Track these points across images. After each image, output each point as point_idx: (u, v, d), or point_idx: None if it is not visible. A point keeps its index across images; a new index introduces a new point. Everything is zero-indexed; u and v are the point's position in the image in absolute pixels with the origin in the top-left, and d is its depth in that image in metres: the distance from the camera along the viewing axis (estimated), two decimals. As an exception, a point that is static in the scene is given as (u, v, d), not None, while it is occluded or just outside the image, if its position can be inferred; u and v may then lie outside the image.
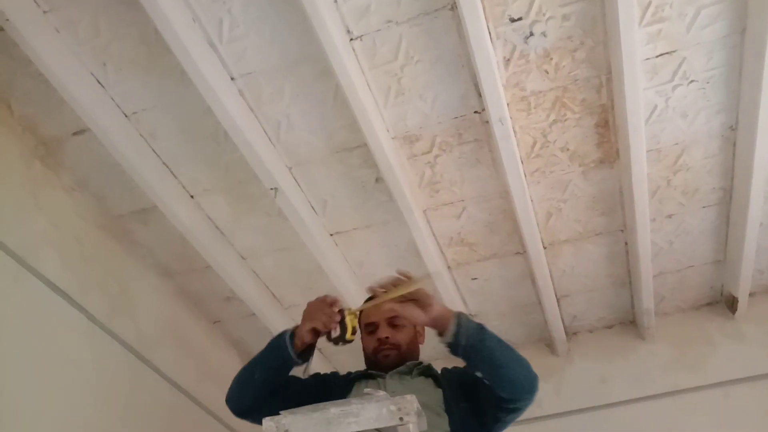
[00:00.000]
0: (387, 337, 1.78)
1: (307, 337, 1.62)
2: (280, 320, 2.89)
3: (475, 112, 2.13)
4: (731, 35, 1.94)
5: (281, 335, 1.68)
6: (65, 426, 2.10)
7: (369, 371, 1.79)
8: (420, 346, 1.91)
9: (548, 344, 3.18)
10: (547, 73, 2.01)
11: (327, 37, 1.82)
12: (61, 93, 1.97)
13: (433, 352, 1.98)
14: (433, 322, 1.55)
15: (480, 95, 2.03)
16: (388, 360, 1.76)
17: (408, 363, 1.76)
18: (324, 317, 1.61)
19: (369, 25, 1.89)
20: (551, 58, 1.98)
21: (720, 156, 2.30)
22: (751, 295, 2.86)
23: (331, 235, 2.58)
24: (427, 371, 1.77)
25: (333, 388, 1.75)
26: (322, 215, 2.49)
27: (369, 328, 1.84)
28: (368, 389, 1.48)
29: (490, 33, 1.87)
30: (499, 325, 3.04)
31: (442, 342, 1.54)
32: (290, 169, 2.32)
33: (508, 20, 1.87)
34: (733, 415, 2.71)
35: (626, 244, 2.65)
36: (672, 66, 2.01)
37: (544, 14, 1.86)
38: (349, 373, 1.85)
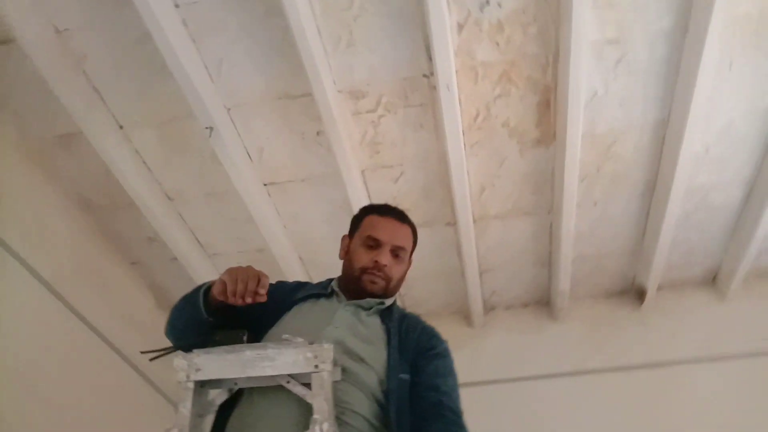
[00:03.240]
0: (385, 265, 1.51)
1: (219, 297, 1.36)
2: (203, 267, 2.83)
3: (424, 75, 2.13)
4: (675, 31, 2.01)
5: (197, 289, 1.44)
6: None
7: (324, 292, 1.56)
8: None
9: (465, 316, 3.26)
10: (498, 45, 2.03)
11: (282, -27, 1.76)
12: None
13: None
14: None
15: (430, 59, 2.03)
16: (373, 287, 1.50)
17: (369, 299, 1.51)
18: (242, 286, 1.33)
19: (327, -32, 1.84)
20: (503, 30, 2.00)
21: (649, 149, 2.40)
22: (659, 288, 3.03)
23: (265, 184, 2.53)
24: (386, 316, 1.51)
25: (275, 304, 1.47)
26: (258, 162, 2.44)
27: (369, 242, 1.54)
28: (287, 335, 1.41)
29: (446, -5, 1.87)
30: (420, 293, 3.10)
31: None
32: (228, 110, 2.25)
33: (466, -15, 1.87)
34: (633, 396, 2.87)
35: (551, 225, 2.74)
36: (617, 54, 2.06)
37: (502, -17, 1.87)
38: (299, 285, 1.61)
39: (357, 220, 1.64)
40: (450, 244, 2.83)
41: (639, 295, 3.10)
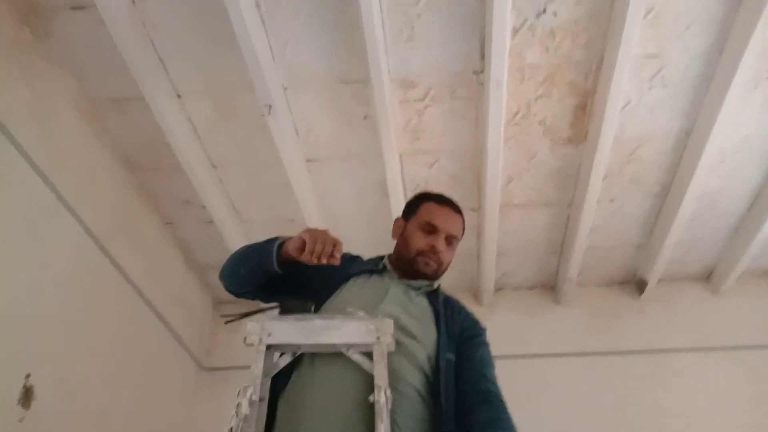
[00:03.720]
0: (440, 251, 1.61)
1: (294, 253, 1.45)
2: (235, 232, 2.97)
3: (474, 72, 2.26)
4: (711, 51, 2.17)
5: (270, 241, 1.52)
6: (20, 299, 2.13)
7: (376, 268, 1.64)
8: None
9: (475, 294, 3.44)
10: (547, 50, 2.17)
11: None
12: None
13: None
14: None
15: (483, 57, 2.16)
16: (426, 268, 1.59)
17: (420, 280, 1.60)
18: (320, 247, 1.41)
19: (399, -33, 1.95)
20: (555, 37, 2.13)
21: (670, 155, 2.57)
22: (659, 281, 3.24)
23: (307, 160, 2.66)
24: (433, 297, 1.60)
25: (333, 273, 1.58)
26: (304, 139, 2.56)
27: (427, 227, 1.63)
28: (351, 308, 1.49)
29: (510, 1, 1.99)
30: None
31: None
32: (285, 89, 2.36)
33: (527, -6, 2.00)
34: (627, 379, 3.10)
35: (568, 217, 2.92)
36: (654, 68, 2.22)
37: (561, -5, 2.00)
38: (352, 258, 1.69)
39: (414, 205, 1.73)
40: (471, 228, 2.98)
41: (639, 286, 3.31)
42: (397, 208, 2.67)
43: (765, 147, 2.54)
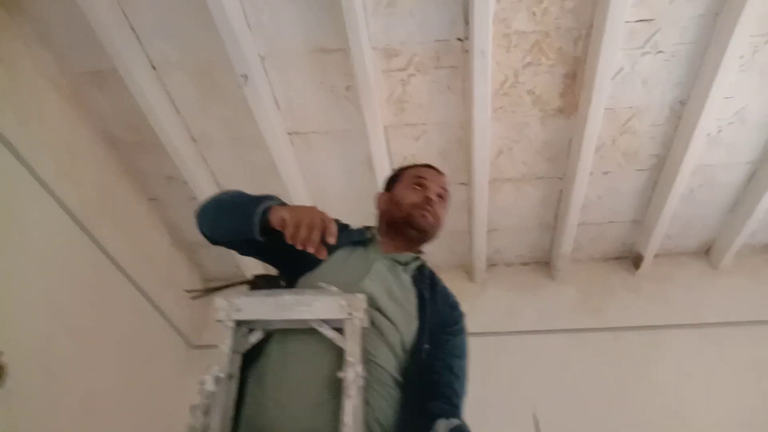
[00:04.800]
0: (435, 201, 1.55)
1: (277, 225, 1.31)
2: (220, 209, 2.90)
3: (458, 39, 2.17)
4: (706, 16, 2.07)
5: (255, 202, 1.36)
6: (5, 285, 2.08)
7: (362, 239, 1.56)
8: None
9: (467, 271, 3.38)
10: (535, 15, 2.07)
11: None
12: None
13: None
14: None
15: (467, 23, 2.08)
16: (424, 220, 1.52)
17: (407, 254, 1.53)
18: (305, 233, 1.25)
19: (377, -71, 1.86)
20: (542, 1, 2.04)
21: (665, 126, 2.48)
22: (655, 256, 3.17)
23: (290, 133, 2.59)
24: (419, 278, 1.52)
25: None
26: (285, 112, 2.49)
27: (417, 182, 1.59)
28: (322, 284, 1.42)
29: (493, -37, 1.90)
30: (426, 247, 3.21)
31: None
32: (263, 58, 2.28)
33: (512, -45, 1.90)
34: (621, 356, 3.05)
35: (561, 191, 2.84)
36: (647, 33, 2.12)
37: (547, -43, 1.90)
38: (339, 227, 1.46)
39: (395, 176, 1.68)
40: (461, 203, 2.92)
41: (635, 261, 3.24)
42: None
43: (763, 118, 2.44)
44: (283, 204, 1.39)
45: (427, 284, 1.51)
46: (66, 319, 2.43)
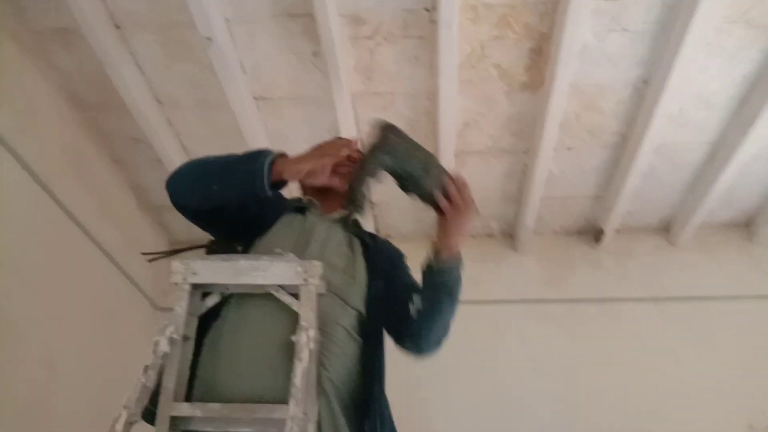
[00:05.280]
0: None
1: (299, 175, 1.43)
2: (186, 171, 2.89)
3: (426, 9, 2.16)
4: (670, -4, 2.09)
5: (260, 157, 1.40)
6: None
7: (301, 205, 1.62)
8: None
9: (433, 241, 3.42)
10: (502, -13, 2.07)
11: None
12: None
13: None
14: (460, 240, 1.51)
15: (435, -7, 2.07)
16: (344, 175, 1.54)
17: (340, 212, 1.60)
18: (337, 170, 1.45)
19: None
20: (509, -25, 2.03)
21: (628, 104, 2.52)
22: (616, 231, 3.24)
23: (256, 98, 2.57)
24: (355, 230, 1.61)
25: (267, 215, 1.56)
26: (252, 76, 2.47)
27: None
28: (279, 249, 1.46)
29: (461, -68, 1.89)
30: (395, 216, 3.25)
31: (437, 261, 1.50)
32: (228, 21, 2.25)
33: (480, -75, 1.89)
34: (580, 327, 3.14)
35: (525, 165, 2.88)
36: (613, 11, 2.14)
37: (515, -72, 1.90)
38: (281, 198, 1.62)
39: None
40: (428, 174, 2.94)
41: (596, 235, 3.31)
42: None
43: (723, 100, 2.49)
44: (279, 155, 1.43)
45: (366, 234, 1.62)
46: (26, 276, 2.40)
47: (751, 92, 2.46)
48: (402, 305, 1.50)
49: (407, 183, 1.49)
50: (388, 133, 1.49)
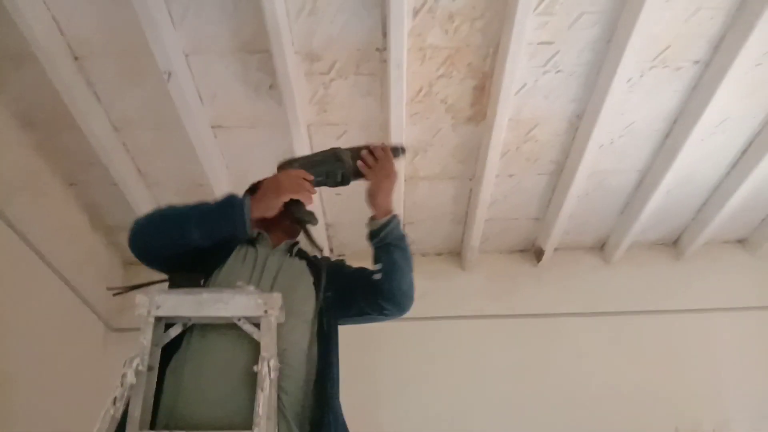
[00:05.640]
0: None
1: (275, 209, 1.59)
2: (141, 195, 2.94)
3: (377, 49, 2.30)
4: (600, 41, 2.29)
5: (235, 203, 1.54)
6: None
7: (253, 236, 1.70)
8: None
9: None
10: (447, 32, 2.23)
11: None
12: None
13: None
14: (386, 198, 1.68)
15: (385, 36, 2.21)
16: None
17: (287, 241, 1.72)
18: (300, 188, 1.62)
19: (299, -60, 1.95)
20: (453, 20, 2.19)
21: (563, 136, 2.72)
22: (555, 249, 3.45)
23: (213, 127, 2.65)
24: (302, 253, 1.73)
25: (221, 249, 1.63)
26: (209, 106, 2.55)
27: None
28: (240, 282, 1.52)
29: (408, -17, 2.03)
30: (352, 236, 3.36)
31: (372, 225, 1.66)
32: (187, 55, 2.33)
33: (426, -23, 2.04)
34: (524, 341, 3.34)
35: (471, 190, 3.05)
36: (548, 54, 2.33)
37: (458, -19, 2.06)
38: None
39: (257, 185, 1.83)
40: (379, 197, 3.07)
41: (537, 254, 3.52)
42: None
43: (649, 131, 2.72)
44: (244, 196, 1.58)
45: (310, 256, 1.74)
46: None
47: (673, 125, 2.70)
48: (365, 282, 1.64)
49: (330, 178, 1.75)
50: (285, 166, 1.79)
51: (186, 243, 1.54)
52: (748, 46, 2.24)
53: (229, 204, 1.55)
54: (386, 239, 1.66)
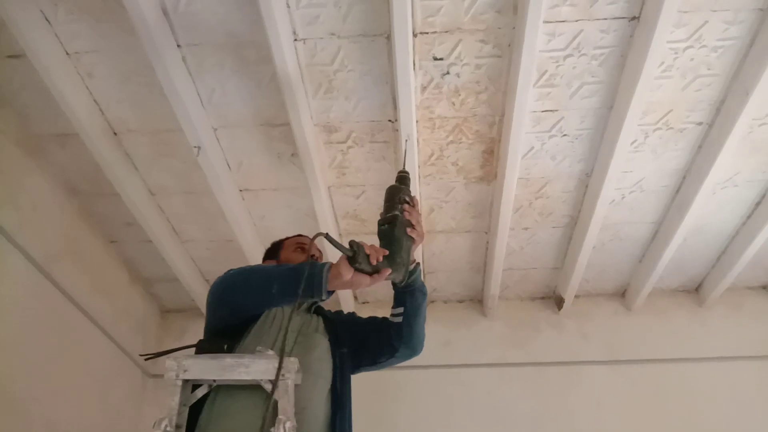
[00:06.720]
0: (317, 259, 1.92)
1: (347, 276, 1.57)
2: (175, 251, 3.15)
3: (390, 120, 2.45)
4: (602, 108, 2.40)
5: (316, 265, 1.59)
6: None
7: None
8: None
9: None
10: (454, 104, 2.37)
11: (274, 34, 2.06)
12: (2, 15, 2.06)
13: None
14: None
15: (396, 108, 2.36)
16: None
17: (309, 301, 1.85)
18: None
19: (314, 32, 2.14)
20: (459, 94, 2.34)
21: (574, 192, 2.82)
22: (576, 297, 3.50)
23: (241, 190, 2.84)
24: (320, 309, 1.90)
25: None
26: (236, 172, 2.74)
27: (299, 246, 2.03)
28: (260, 347, 1.70)
29: (414, 64, 2.20)
30: (373, 288, 3.47)
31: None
32: (215, 130, 2.53)
33: (431, 58, 2.21)
34: (543, 389, 3.37)
35: (487, 242, 3.16)
36: (552, 121, 2.44)
37: (461, 60, 2.21)
38: None
39: (276, 247, 2.09)
40: (399, 250, 3.20)
41: (558, 301, 3.57)
42: (332, 233, 2.87)
43: (658, 187, 2.79)
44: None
45: (328, 312, 1.92)
46: (27, 356, 2.63)
47: (682, 181, 2.77)
48: (379, 327, 1.84)
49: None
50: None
51: (263, 299, 1.67)
52: (749, 107, 2.32)
53: (311, 266, 1.59)
54: (413, 284, 1.79)
